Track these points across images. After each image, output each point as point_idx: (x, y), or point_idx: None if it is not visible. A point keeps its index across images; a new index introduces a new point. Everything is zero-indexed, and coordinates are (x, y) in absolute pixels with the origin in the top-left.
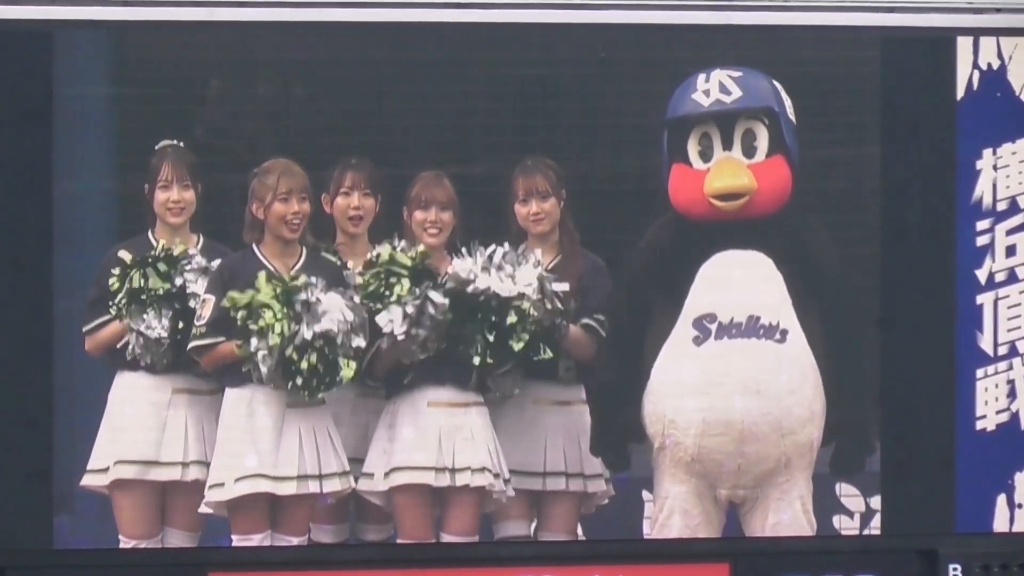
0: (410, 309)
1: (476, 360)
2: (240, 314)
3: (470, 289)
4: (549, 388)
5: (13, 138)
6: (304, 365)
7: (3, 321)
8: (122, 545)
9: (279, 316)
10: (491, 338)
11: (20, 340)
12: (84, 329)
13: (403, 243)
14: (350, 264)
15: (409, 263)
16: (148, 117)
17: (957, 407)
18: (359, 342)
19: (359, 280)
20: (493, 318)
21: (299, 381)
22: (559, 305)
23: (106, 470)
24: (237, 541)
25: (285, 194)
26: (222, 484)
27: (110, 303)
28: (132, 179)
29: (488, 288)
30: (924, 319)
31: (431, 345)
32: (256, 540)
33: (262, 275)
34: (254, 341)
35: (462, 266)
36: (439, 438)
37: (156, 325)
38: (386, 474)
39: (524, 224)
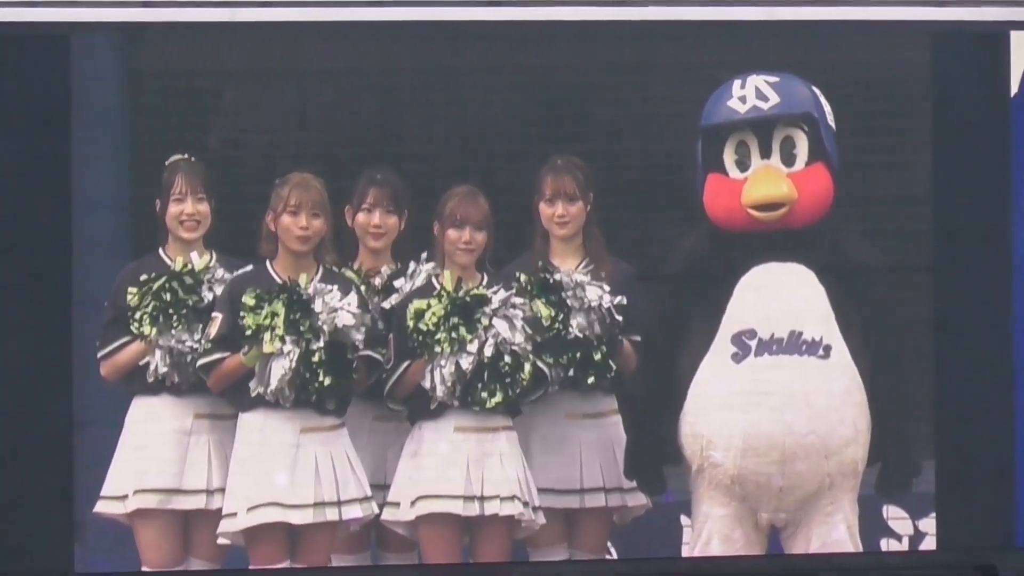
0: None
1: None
2: (249, 320)
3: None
4: (580, 401)
5: (31, 145)
6: (320, 374)
7: (22, 335)
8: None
9: (286, 328)
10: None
11: (39, 354)
12: (100, 354)
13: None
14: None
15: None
16: (166, 126)
17: (1015, 415)
18: (374, 352)
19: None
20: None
21: (325, 381)
22: (618, 318)
23: (124, 498)
24: None
25: (295, 207)
26: (235, 514)
27: (131, 322)
28: (152, 189)
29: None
30: (979, 323)
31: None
32: None
33: (248, 293)
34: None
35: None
36: (467, 465)
37: (187, 339)
38: (412, 502)
39: (547, 225)
